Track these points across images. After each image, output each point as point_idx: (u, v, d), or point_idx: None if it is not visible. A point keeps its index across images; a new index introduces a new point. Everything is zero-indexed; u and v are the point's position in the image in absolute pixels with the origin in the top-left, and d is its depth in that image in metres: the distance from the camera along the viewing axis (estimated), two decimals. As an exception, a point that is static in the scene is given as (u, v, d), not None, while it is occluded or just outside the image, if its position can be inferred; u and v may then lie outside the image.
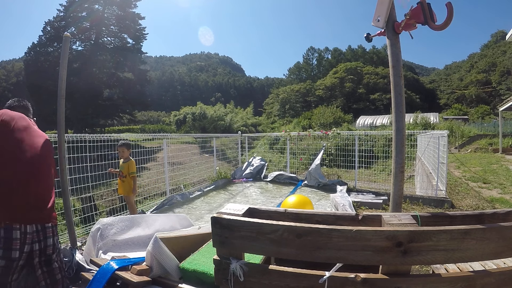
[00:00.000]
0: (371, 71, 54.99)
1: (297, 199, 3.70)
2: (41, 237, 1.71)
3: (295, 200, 3.64)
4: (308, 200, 3.76)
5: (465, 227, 1.10)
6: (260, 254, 1.46)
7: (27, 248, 1.64)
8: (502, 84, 44.23)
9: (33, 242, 1.67)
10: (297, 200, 3.64)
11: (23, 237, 1.62)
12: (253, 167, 7.57)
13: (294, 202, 3.59)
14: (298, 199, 3.69)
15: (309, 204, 3.66)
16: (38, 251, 1.71)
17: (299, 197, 3.81)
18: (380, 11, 2.08)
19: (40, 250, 1.72)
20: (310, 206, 3.68)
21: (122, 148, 3.94)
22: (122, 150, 3.93)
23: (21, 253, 1.62)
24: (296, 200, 3.66)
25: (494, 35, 56.71)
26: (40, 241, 1.71)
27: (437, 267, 1.83)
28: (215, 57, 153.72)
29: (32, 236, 1.67)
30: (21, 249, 1.61)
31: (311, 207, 3.67)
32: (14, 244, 1.59)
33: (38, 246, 1.70)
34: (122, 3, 24.66)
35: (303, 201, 3.65)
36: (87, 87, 22.29)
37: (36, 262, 1.72)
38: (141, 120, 42.01)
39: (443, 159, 5.12)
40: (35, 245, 1.68)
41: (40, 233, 1.71)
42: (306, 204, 3.62)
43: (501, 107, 15.02)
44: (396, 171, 2.08)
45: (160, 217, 2.79)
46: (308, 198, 3.89)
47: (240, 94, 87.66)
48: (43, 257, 1.75)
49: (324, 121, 23.97)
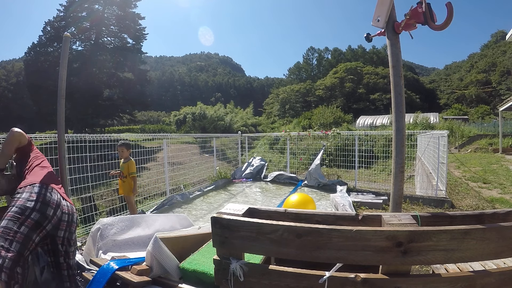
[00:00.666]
0: (371, 71, 54.98)
1: (300, 197, 3.71)
2: (67, 228, 1.89)
3: (297, 199, 3.64)
4: (310, 199, 3.78)
5: (465, 227, 1.10)
6: (260, 254, 1.46)
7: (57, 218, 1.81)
8: (502, 84, 44.22)
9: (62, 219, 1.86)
10: (299, 199, 3.64)
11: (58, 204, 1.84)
12: (253, 167, 7.57)
13: (297, 201, 3.59)
14: (301, 198, 3.69)
15: (311, 203, 3.67)
16: (62, 238, 1.87)
17: (301, 196, 3.81)
18: (380, 11, 2.08)
19: (64, 238, 1.88)
20: (313, 204, 3.69)
21: (122, 148, 3.93)
22: (121, 150, 3.93)
23: (54, 216, 1.79)
24: (299, 198, 3.66)
25: (494, 35, 56.69)
26: (66, 230, 1.89)
27: (437, 267, 1.83)
28: (215, 57, 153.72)
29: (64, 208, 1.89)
30: (55, 211, 1.80)
31: (313, 206, 3.69)
32: (51, 203, 1.79)
33: (63, 233, 1.87)
34: (122, 3, 24.66)
35: (305, 199, 3.67)
36: (87, 87, 22.29)
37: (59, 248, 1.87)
38: (141, 120, 42.03)
39: (443, 159, 5.12)
40: (61, 231, 1.86)
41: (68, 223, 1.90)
42: (308, 202, 3.63)
43: (501, 107, 15.02)
44: (396, 171, 2.08)
45: (160, 217, 2.79)
46: (310, 197, 3.89)
47: (240, 94, 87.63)
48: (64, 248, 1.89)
49: (324, 121, 23.95)
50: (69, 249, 1.92)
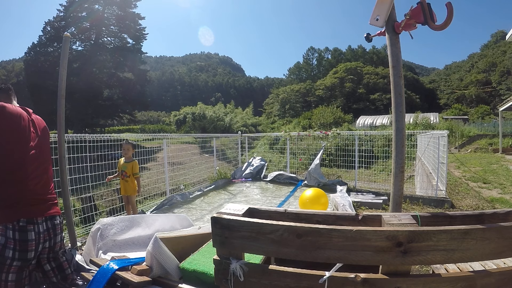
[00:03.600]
0: (371, 71, 54.96)
1: (314, 191, 4.32)
2: (51, 235, 1.78)
3: (312, 193, 4.25)
4: (323, 193, 4.33)
5: (465, 227, 1.10)
6: (260, 254, 1.46)
7: (40, 247, 1.70)
8: (502, 84, 44.22)
9: (45, 241, 1.74)
10: (313, 193, 4.25)
11: (37, 237, 1.67)
12: (253, 167, 7.57)
13: (311, 195, 4.21)
14: (315, 191, 4.31)
15: (324, 196, 4.24)
16: (48, 248, 1.77)
17: (315, 190, 4.41)
18: (379, 10, 2.07)
19: (50, 247, 1.78)
20: (325, 198, 4.25)
21: (129, 146, 3.93)
22: (127, 148, 3.91)
23: (36, 253, 1.68)
24: (313, 192, 4.27)
25: (494, 35, 56.69)
26: (51, 239, 1.78)
27: (437, 267, 1.83)
28: (215, 57, 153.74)
29: (44, 235, 1.72)
30: (36, 249, 1.68)
31: (326, 199, 4.25)
32: (29, 246, 1.64)
33: (48, 243, 1.77)
34: (122, 3, 24.65)
35: (319, 193, 4.27)
36: (87, 87, 22.28)
37: (44, 258, 1.78)
38: (141, 120, 42.05)
39: (443, 159, 5.12)
40: (46, 243, 1.75)
41: (51, 230, 1.77)
42: (321, 196, 4.22)
43: (501, 107, 15.03)
44: (396, 171, 2.08)
45: (160, 217, 2.79)
46: (322, 191, 4.42)
47: (240, 94, 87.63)
48: (51, 254, 1.81)
49: (324, 121, 23.96)
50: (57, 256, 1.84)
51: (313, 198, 4.17)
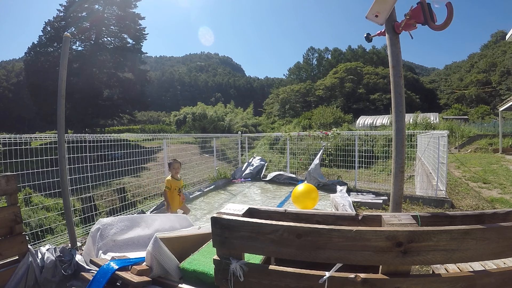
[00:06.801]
0: (371, 71, 54.95)
1: (305, 186, 4.61)
2: None
3: (303, 188, 4.55)
4: (314, 188, 4.63)
5: (465, 227, 1.09)
6: (260, 254, 1.46)
7: None
8: (502, 84, 44.21)
9: None
10: (304, 188, 4.56)
11: None
12: (253, 167, 7.57)
13: (302, 190, 4.52)
14: (306, 186, 4.61)
15: (314, 191, 4.52)
16: None
17: (306, 185, 4.70)
18: (379, 7, 2.05)
19: None
20: (315, 193, 4.54)
21: (179, 164, 4.10)
22: (178, 166, 4.08)
23: None
24: (304, 188, 4.57)
25: (494, 35, 56.68)
26: None
27: (437, 267, 1.83)
28: (215, 57, 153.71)
29: None
30: None
31: (316, 194, 4.53)
32: None
33: None
34: (122, 3, 24.68)
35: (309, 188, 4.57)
36: (87, 87, 22.31)
37: None
38: (141, 120, 42.03)
39: (443, 159, 5.12)
40: None
41: None
42: (312, 191, 4.50)
43: (501, 107, 15.02)
44: (396, 171, 2.08)
45: (160, 217, 2.79)
46: (313, 186, 4.75)
47: (240, 94, 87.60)
48: None
49: (324, 121, 23.98)
50: None
51: (304, 193, 4.46)
